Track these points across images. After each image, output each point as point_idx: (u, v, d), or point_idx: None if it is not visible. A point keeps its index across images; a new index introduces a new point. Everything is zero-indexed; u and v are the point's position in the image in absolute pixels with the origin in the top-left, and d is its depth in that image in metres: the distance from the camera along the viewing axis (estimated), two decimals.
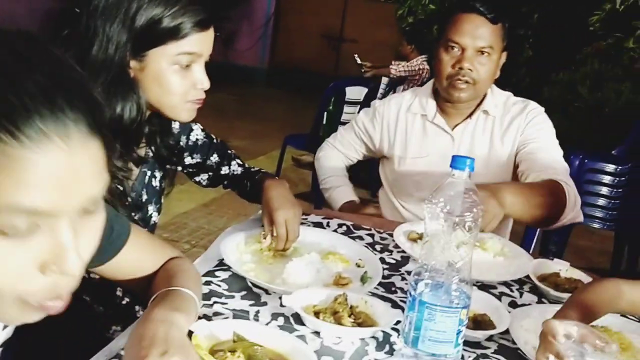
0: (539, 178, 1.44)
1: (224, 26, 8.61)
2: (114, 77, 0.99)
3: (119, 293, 1.16)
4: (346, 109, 4.04)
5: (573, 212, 1.42)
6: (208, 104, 1.13)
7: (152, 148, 1.17)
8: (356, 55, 5.53)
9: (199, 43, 1.03)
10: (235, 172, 1.40)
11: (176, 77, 1.03)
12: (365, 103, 4.08)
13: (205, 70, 1.09)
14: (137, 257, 0.90)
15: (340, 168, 1.86)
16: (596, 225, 2.81)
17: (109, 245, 0.84)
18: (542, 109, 1.64)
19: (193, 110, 1.10)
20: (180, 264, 0.93)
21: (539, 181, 1.42)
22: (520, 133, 1.61)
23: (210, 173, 1.39)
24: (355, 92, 4.06)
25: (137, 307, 1.18)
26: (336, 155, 1.86)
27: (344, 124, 3.98)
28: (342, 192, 1.80)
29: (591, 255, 3.60)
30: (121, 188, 1.08)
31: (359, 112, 4.09)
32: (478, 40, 1.51)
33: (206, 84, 1.07)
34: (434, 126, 1.67)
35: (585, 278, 1.22)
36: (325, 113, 4.04)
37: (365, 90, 4.11)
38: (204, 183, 1.41)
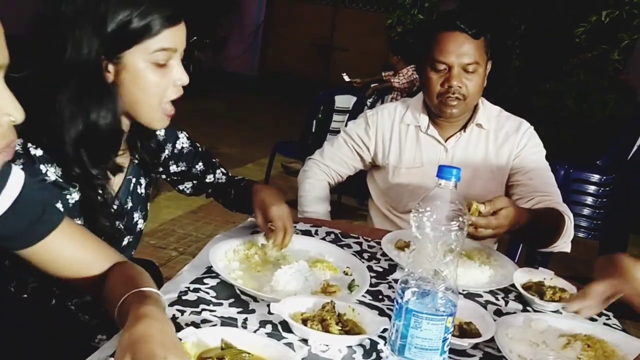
0: (541, 203, 1.51)
1: (214, 33, 8.63)
2: (87, 82, 0.99)
3: None
4: (335, 117, 4.06)
5: (564, 244, 1.52)
6: (198, 111, 1.14)
7: (136, 155, 1.18)
8: (344, 74, 5.58)
9: (172, 38, 1.03)
10: (220, 181, 1.41)
11: (154, 76, 1.03)
12: (354, 111, 4.10)
13: (195, 77, 1.10)
14: (70, 249, 0.90)
15: (325, 196, 1.79)
16: (581, 235, 2.85)
17: (36, 227, 0.85)
18: (532, 127, 1.68)
19: (166, 120, 1.09)
20: (132, 267, 0.92)
21: (547, 209, 1.48)
22: (516, 154, 1.64)
23: (194, 181, 1.40)
24: (345, 101, 4.08)
25: None
26: (323, 176, 1.80)
27: (333, 132, 4.01)
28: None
29: (576, 264, 3.62)
30: (104, 196, 1.07)
31: (347, 120, 4.14)
32: (463, 57, 1.52)
33: (185, 79, 1.06)
34: (428, 137, 1.68)
35: (570, 287, 1.24)
36: (315, 121, 4.06)
37: (354, 99, 4.13)
38: (188, 191, 1.42)
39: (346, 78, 5.49)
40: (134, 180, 1.19)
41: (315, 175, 1.79)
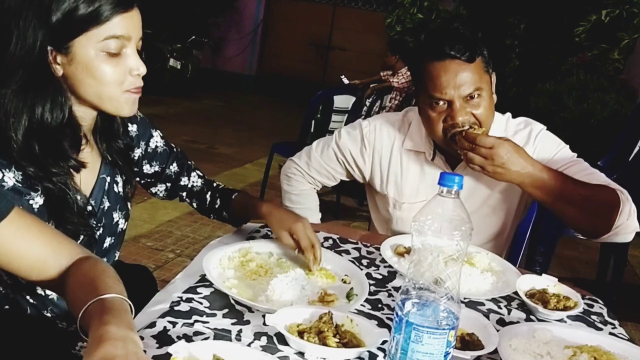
0: None
1: (212, 32, 8.59)
2: (31, 75, 0.95)
3: None
4: (334, 117, 4.03)
5: (627, 220, 1.31)
6: (196, 110, 1.11)
7: (107, 154, 1.14)
8: (343, 77, 5.56)
9: (124, 25, 0.98)
10: (195, 184, 1.36)
11: (107, 65, 0.99)
12: (353, 111, 4.06)
13: (193, 75, 1.06)
14: (22, 242, 0.84)
15: (315, 206, 1.70)
16: (582, 235, 2.81)
17: None
18: (544, 127, 1.51)
19: (133, 102, 1.05)
20: (94, 266, 0.86)
21: (592, 184, 1.33)
22: None
23: (168, 183, 1.34)
24: (343, 101, 4.05)
25: None
26: (308, 186, 1.68)
27: (331, 132, 3.97)
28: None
29: (577, 265, 3.60)
30: (72, 194, 1.03)
31: (346, 121, 4.10)
32: (462, 88, 1.33)
33: (142, 69, 1.02)
34: (432, 167, 1.50)
35: (574, 294, 1.21)
36: (313, 121, 4.02)
37: (353, 99, 4.10)
38: (161, 194, 1.36)
39: (345, 80, 5.47)
40: (108, 179, 1.15)
41: (300, 185, 1.68)
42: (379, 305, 1.12)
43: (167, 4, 7.32)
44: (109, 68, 0.99)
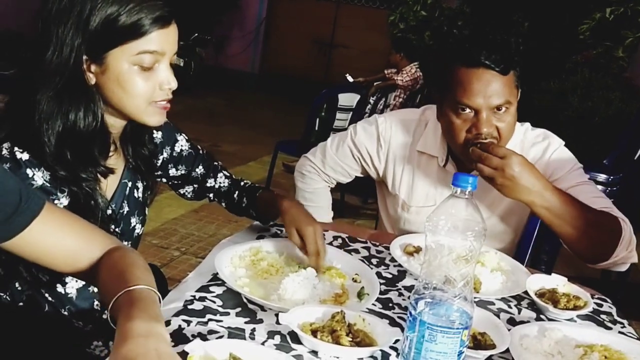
0: None
1: (215, 30, 8.59)
2: (67, 82, 0.96)
3: (97, 307, 1.12)
4: (338, 115, 4.03)
5: (626, 252, 1.30)
6: (199, 108, 1.11)
7: (130, 159, 1.15)
8: (348, 75, 5.56)
9: (160, 41, 0.99)
10: (222, 185, 1.38)
11: (139, 78, 0.99)
12: (357, 110, 4.07)
13: (195, 74, 1.06)
14: (55, 237, 0.85)
15: (329, 205, 1.69)
16: None
17: (14, 219, 0.80)
18: (562, 143, 1.48)
19: (160, 113, 1.06)
20: (124, 257, 0.86)
21: (596, 209, 1.30)
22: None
23: (195, 185, 1.36)
24: (348, 99, 4.05)
25: None
26: (323, 184, 1.67)
27: (336, 130, 3.98)
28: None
29: (582, 264, 3.60)
30: (96, 199, 1.04)
31: (351, 119, 4.10)
32: (492, 98, 1.28)
33: (173, 84, 1.03)
34: (444, 173, 1.48)
35: (583, 293, 1.21)
36: (318, 119, 4.03)
37: (358, 97, 4.10)
38: (189, 195, 1.38)
39: (350, 79, 5.47)
40: (129, 184, 1.16)
41: (314, 184, 1.68)
42: (390, 305, 1.13)
43: (169, 1, 7.32)
44: (140, 81, 1.00)
